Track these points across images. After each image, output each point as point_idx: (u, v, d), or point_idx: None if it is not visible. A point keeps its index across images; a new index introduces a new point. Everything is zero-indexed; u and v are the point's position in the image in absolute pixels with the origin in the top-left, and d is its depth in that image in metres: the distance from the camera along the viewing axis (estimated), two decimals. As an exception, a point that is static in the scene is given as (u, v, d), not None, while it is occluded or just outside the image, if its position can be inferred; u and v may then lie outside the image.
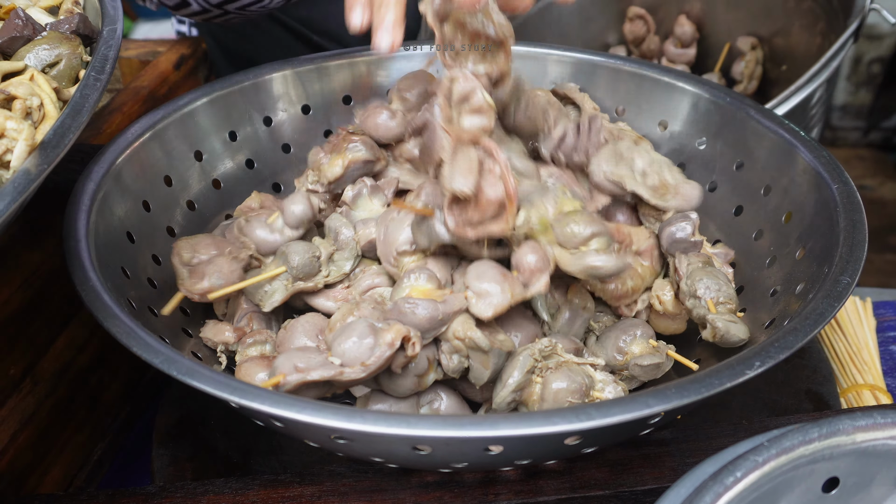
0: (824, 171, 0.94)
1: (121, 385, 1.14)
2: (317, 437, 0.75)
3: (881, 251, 3.18)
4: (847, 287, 0.78)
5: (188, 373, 0.70)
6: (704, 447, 0.88)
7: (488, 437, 0.65)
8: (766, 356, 0.70)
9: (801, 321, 0.74)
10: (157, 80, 1.18)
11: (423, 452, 0.69)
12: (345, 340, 0.79)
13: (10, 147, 0.70)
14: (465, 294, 0.84)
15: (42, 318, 0.99)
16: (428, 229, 0.88)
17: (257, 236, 0.96)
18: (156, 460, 0.99)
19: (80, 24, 0.86)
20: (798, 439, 0.62)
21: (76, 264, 0.81)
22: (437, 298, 0.84)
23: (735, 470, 0.61)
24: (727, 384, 0.68)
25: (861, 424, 0.63)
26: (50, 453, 1.01)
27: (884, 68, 3.48)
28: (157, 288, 0.95)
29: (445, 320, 0.83)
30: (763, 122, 1.04)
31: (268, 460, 0.98)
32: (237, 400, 0.67)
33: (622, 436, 0.80)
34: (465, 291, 0.84)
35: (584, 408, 0.65)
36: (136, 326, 0.75)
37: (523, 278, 0.86)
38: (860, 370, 1.12)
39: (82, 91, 0.76)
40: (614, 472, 0.86)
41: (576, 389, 0.83)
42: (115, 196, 0.94)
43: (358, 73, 1.21)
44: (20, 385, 0.96)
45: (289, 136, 1.18)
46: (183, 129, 1.07)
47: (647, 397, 0.66)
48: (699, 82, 1.13)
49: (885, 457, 0.64)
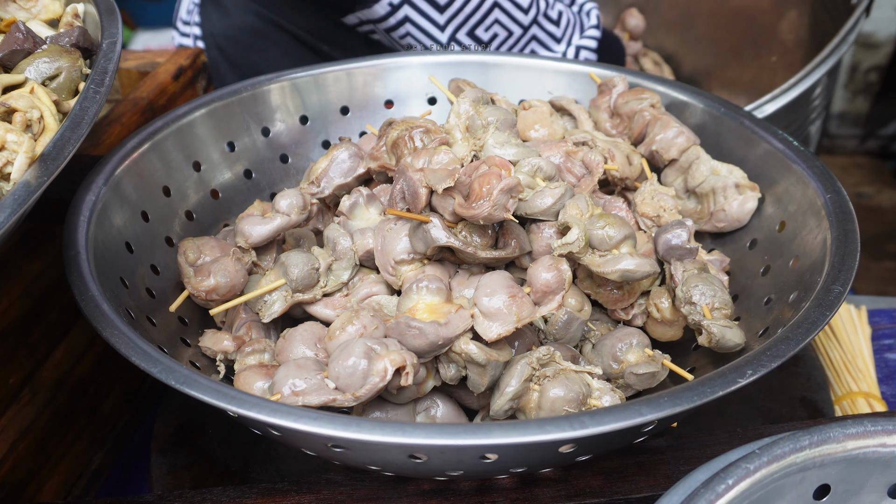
0: (818, 180, 0.95)
1: (119, 394, 1.14)
2: (313, 446, 0.75)
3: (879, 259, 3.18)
4: (839, 296, 0.78)
5: (186, 382, 0.70)
6: (699, 455, 0.89)
7: (483, 445, 0.65)
8: (758, 364, 0.71)
9: (793, 330, 0.75)
10: (156, 90, 1.19)
11: (418, 461, 0.70)
12: (342, 362, 0.79)
13: (11, 159, 0.71)
14: (472, 312, 0.84)
15: (41, 328, 1.00)
16: (424, 234, 0.89)
17: (250, 227, 0.97)
18: (154, 469, 0.99)
19: (79, 37, 0.87)
20: (789, 447, 0.63)
21: (75, 274, 0.82)
22: (441, 317, 0.84)
23: (727, 477, 0.62)
24: (719, 392, 0.68)
25: (851, 432, 0.64)
26: (49, 462, 1.02)
27: (880, 77, 3.49)
28: (156, 297, 0.96)
29: (445, 345, 0.83)
30: (757, 131, 1.05)
31: (266, 469, 0.98)
32: (235, 409, 0.68)
33: (617, 444, 0.81)
34: (472, 309, 0.85)
35: (577, 416, 0.66)
36: (134, 336, 0.76)
37: (536, 297, 0.87)
38: (855, 378, 1.13)
39: (82, 104, 0.76)
40: (609, 479, 0.87)
41: (573, 398, 0.84)
42: (114, 206, 0.95)
43: (355, 84, 1.22)
44: (19, 394, 0.97)
45: (287, 147, 1.19)
46: (181, 139, 1.08)
47: (639, 405, 0.67)
48: (694, 92, 1.14)
49: (875, 464, 0.65)
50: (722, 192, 1.04)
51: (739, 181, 1.04)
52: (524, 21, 1.44)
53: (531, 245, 0.93)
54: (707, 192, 1.05)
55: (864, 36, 3.37)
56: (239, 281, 0.94)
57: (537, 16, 1.45)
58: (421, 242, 0.90)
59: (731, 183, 1.04)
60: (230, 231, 1.06)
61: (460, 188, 0.89)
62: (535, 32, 1.47)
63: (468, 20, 1.41)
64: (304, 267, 0.94)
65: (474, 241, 0.91)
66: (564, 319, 0.95)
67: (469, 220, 0.87)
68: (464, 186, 0.89)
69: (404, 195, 0.92)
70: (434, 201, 0.90)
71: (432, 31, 1.41)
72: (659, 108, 1.12)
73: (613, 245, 0.89)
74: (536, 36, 1.47)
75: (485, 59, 1.22)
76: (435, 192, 0.88)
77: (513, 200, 0.87)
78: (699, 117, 1.12)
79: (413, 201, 0.90)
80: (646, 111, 1.10)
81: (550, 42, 1.49)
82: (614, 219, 0.89)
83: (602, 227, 0.88)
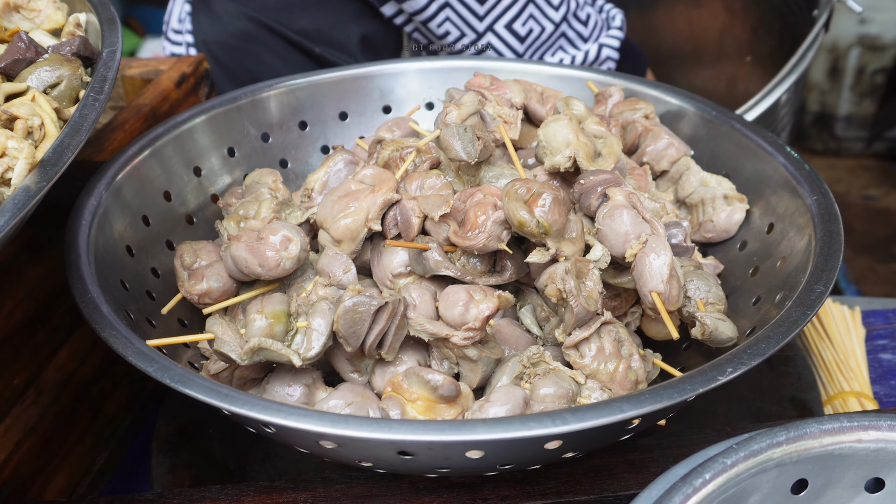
0: (805, 183, 0.96)
1: (122, 395, 1.16)
2: (305, 443, 0.77)
3: (886, 261, 3.18)
4: (820, 296, 0.80)
5: (181, 380, 0.72)
6: (688, 453, 0.89)
7: (468, 441, 0.67)
8: (738, 363, 0.72)
9: (774, 329, 0.76)
10: (159, 97, 1.21)
11: (408, 457, 0.72)
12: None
13: (11, 165, 0.73)
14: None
15: (45, 330, 1.02)
16: (423, 261, 0.91)
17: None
18: (155, 468, 1.02)
19: (80, 47, 0.89)
20: (766, 442, 0.64)
21: (76, 277, 0.84)
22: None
23: (704, 472, 0.63)
24: (699, 389, 0.70)
25: (827, 428, 0.65)
26: (53, 462, 1.04)
27: (887, 79, 3.49)
28: (156, 300, 0.98)
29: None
30: (748, 135, 1.07)
31: (263, 467, 1.00)
32: (228, 407, 0.70)
33: (603, 440, 0.82)
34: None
35: (560, 412, 0.67)
36: (132, 336, 0.78)
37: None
38: (847, 378, 1.14)
39: (81, 111, 0.79)
40: (599, 477, 0.88)
41: (562, 395, 0.85)
42: (116, 211, 0.97)
43: (353, 90, 1.24)
44: (24, 395, 0.99)
45: (286, 152, 1.21)
46: (182, 145, 1.10)
47: (621, 402, 0.68)
48: (686, 96, 1.15)
49: (851, 459, 0.66)
50: (711, 203, 1.06)
51: (728, 192, 1.05)
52: (555, 18, 1.49)
53: (529, 267, 0.94)
54: (696, 203, 1.07)
55: (871, 38, 3.37)
56: (232, 286, 0.96)
57: (567, 14, 1.50)
58: (420, 267, 0.92)
59: (720, 194, 1.05)
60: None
61: (455, 214, 0.91)
62: (565, 30, 1.52)
63: (506, 12, 1.46)
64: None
65: (472, 267, 0.92)
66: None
67: (464, 249, 0.90)
68: (458, 212, 0.91)
69: (397, 222, 0.94)
70: (428, 226, 0.92)
71: (471, 20, 1.46)
72: (653, 118, 1.14)
73: (707, 303, 0.94)
74: (566, 34, 1.53)
75: (480, 64, 1.24)
76: (430, 218, 0.90)
77: (507, 231, 0.88)
78: (691, 120, 1.14)
79: (405, 229, 0.92)
80: (638, 122, 1.12)
81: (578, 41, 1.55)
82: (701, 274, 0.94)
83: (693, 281, 0.93)
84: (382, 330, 0.84)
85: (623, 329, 0.89)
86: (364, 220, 0.92)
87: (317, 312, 0.84)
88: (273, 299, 0.87)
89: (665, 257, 0.85)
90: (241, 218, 1.00)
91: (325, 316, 0.83)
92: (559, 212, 0.85)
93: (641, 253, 0.86)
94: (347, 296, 0.83)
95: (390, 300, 0.84)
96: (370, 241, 0.96)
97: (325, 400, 0.83)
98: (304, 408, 0.70)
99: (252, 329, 0.84)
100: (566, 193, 0.89)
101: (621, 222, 0.87)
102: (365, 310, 0.83)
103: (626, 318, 1.01)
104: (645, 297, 0.86)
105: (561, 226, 0.86)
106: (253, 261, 0.90)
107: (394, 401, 0.82)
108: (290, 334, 0.85)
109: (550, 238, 0.86)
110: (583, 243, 0.89)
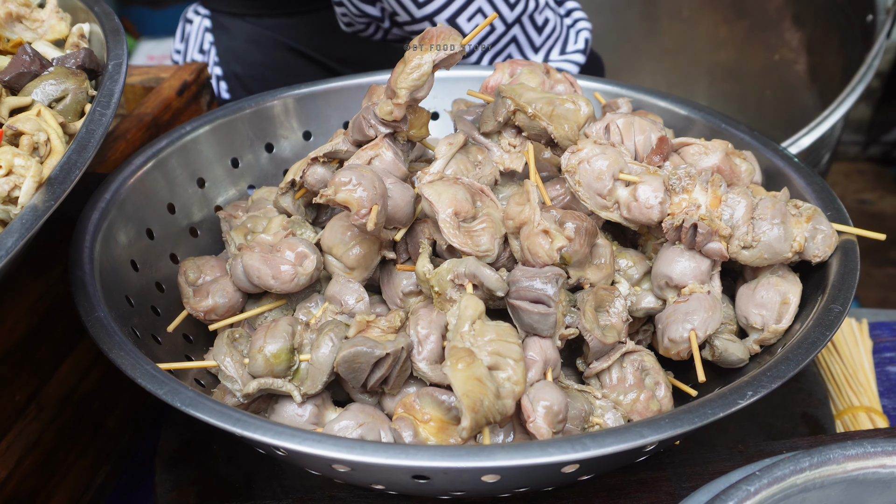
0: (817, 198, 0.95)
1: (124, 410, 1.15)
2: (317, 466, 0.76)
3: (881, 265, 3.18)
4: (838, 316, 0.79)
5: (192, 404, 0.71)
6: (700, 472, 0.89)
7: (486, 467, 0.66)
8: (759, 386, 0.71)
9: (793, 350, 0.75)
10: (160, 106, 1.19)
11: (422, 481, 0.71)
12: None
13: (18, 183, 0.71)
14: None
15: (47, 345, 1.00)
16: None
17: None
18: (159, 485, 1.00)
19: (85, 59, 0.88)
20: (789, 469, 0.64)
21: (81, 295, 0.83)
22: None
23: (727, 499, 0.62)
24: (720, 414, 0.69)
25: (851, 454, 0.65)
26: (54, 478, 1.02)
27: (883, 83, 3.50)
28: (161, 315, 0.96)
29: None
30: (758, 147, 1.06)
31: (269, 485, 0.99)
32: (240, 432, 0.69)
33: (619, 463, 0.81)
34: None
35: (579, 438, 0.66)
36: (139, 357, 0.76)
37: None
38: (856, 392, 1.13)
39: (88, 126, 0.77)
40: (611, 496, 0.87)
41: (576, 415, 0.84)
42: (119, 225, 0.96)
43: (358, 99, 1.22)
44: (25, 410, 0.97)
45: (290, 162, 1.20)
46: (185, 157, 1.08)
47: (641, 427, 0.67)
48: (694, 107, 1.14)
49: (875, 485, 0.65)
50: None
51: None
52: (508, 17, 1.39)
53: None
54: None
55: (866, 43, 3.37)
56: (238, 301, 0.95)
57: (521, 15, 1.40)
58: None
59: None
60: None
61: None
62: (516, 33, 1.41)
63: (450, 4, 1.34)
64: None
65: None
66: None
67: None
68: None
69: (407, 247, 0.94)
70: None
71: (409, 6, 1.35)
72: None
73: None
74: (517, 38, 1.42)
75: (484, 73, 1.23)
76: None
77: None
78: (699, 132, 1.13)
79: (416, 254, 0.92)
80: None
81: (528, 49, 1.44)
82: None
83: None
84: (383, 376, 0.83)
85: (649, 357, 0.88)
86: (378, 248, 0.91)
87: (321, 346, 0.84)
88: (277, 331, 0.86)
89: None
90: (248, 231, 0.99)
91: (328, 354, 0.83)
92: (580, 241, 0.84)
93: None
94: (347, 345, 0.82)
95: (391, 350, 0.82)
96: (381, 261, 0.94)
97: (335, 421, 0.82)
98: (318, 433, 0.69)
99: (254, 366, 0.85)
100: (591, 223, 0.88)
101: None
102: (365, 360, 0.82)
103: (639, 335, 1.00)
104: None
105: (583, 255, 0.85)
106: (266, 272, 0.90)
107: (406, 422, 0.81)
108: (293, 369, 0.86)
109: (572, 268, 0.85)
110: (611, 269, 0.88)
